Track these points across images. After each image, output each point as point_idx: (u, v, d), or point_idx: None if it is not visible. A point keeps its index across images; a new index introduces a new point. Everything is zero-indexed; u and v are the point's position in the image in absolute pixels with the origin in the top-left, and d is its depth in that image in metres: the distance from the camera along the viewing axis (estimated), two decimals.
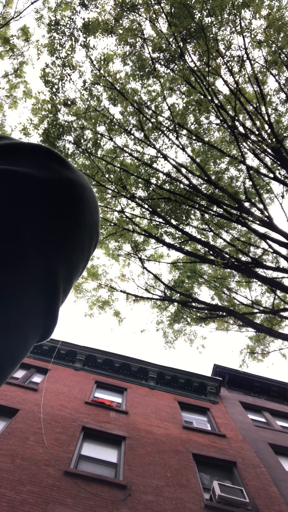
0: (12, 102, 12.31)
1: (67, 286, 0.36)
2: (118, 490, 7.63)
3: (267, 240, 10.45)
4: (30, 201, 0.32)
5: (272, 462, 10.17)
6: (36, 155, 0.37)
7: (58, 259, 0.33)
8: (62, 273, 0.34)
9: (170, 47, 9.32)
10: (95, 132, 10.38)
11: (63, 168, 0.38)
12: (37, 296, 0.31)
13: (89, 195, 0.39)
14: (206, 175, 10.32)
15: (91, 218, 0.39)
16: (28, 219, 0.31)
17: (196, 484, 8.39)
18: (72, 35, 9.85)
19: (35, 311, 0.31)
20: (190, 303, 11.72)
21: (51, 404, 10.58)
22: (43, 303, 0.32)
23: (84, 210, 0.37)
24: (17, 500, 6.69)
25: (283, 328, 12.08)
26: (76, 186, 0.37)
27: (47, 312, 0.33)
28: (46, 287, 0.32)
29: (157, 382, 14.18)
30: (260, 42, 9.01)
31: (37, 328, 0.32)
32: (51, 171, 0.36)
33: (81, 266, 0.38)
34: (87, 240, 0.38)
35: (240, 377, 15.41)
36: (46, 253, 0.32)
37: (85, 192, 0.38)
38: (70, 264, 0.35)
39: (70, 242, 0.35)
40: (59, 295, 0.34)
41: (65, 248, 0.34)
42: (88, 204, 0.38)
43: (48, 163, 0.37)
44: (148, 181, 10.67)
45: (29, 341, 0.31)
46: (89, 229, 0.38)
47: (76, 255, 0.36)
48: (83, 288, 12.51)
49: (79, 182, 0.38)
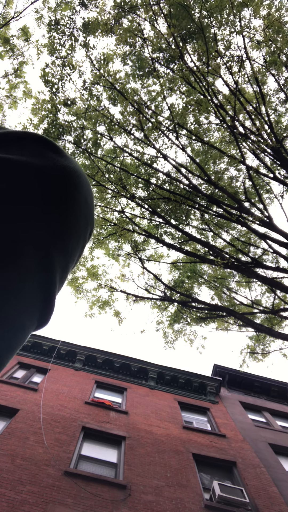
0: (12, 102, 12.32)
1: (63, 274, 0.36)
2: (118, 490, 7.63)
3: (267, 240, 10.45)
4: (24, 189, 0.32)
5: (272, 462, 10.17)
6: (29, 143, 0.37)
7: (54, 248, 0.33)
8: (59, 262, 0.34)
9: (170, 47, 9.32)
10: (95, 132, 10.37)
11: (57, 155, 0.37)
12: (34, 286, 0.31)
13: (83, 182, 0.39)
14: (206, 175, 10.32)
15: (86, 206, 0.38)
16: (23, 208, 0.31)
17: (196, 484, 8.39)
18: (72, 35, 9.85)
19: (32, 300, 0.31)
20: (190, 303, 11.71)
21: (51, 404, 10.59)
22: (40, 292, 0.32)
23: (80, 197, 0.37)
24: (17, 500, 6.69)
25: (283, 328, 12.08)
26: (70, 173, 0.37)
27: (44, 301, 0.33)
28: (42, 277, 0.32)
29: (157, 382, 14.18)
30: (259, 42, 9.01)
31: (34, 317, 0.32)
32: (45, 159, 0.36)
33: (77, 253, 0.38)
34: (82, 228, 0.38)
35: (240, 377, 15.40)
36: (42, 242, 0.32)
37: (80, 179, 0.38)
38: (66, 252, 0.35)
39: (66, 230, 0.35)
40: (55, 284, 0.34)
41: (61, 236, 0.34)
42: (83, 191, 0.38)
43: (42, 151, 0.37)
44: (148, 181, 10.67)
45: (26, 329, 0.32)
46: (84, 217, 0.38)
47: (72, 243, 0.36)
48: (83, 288, 12.51)
49: (74, 169, 0.38)
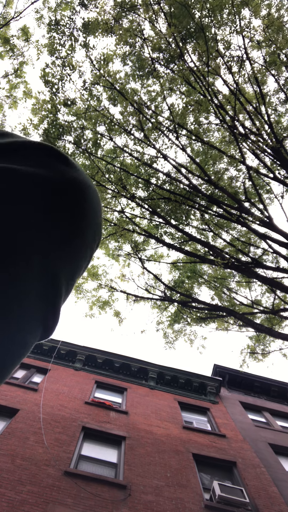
0: (12, 102, 12.31)
1: (69, 286, 0.36)
2: (118, 490, 7.63)
3: (267, 240, 10.44)
4: (31, 201, 0.31)
5: (272, 462, 10.17)
6: (39, 154, 0.36)
7: (60, 260, 0.33)
8: (64, 273, 0.34)
9: (170, 47, 9.32)
10: (95, 132, 10.37)
11: (66, 167, 0.37)
12: (39, 297, 0.31)
13: (93, 195, 0.38)
14: (206, 175, 10.32)
15: (94, 218, 0.38)
16: (29, 219, 0.30)
17: (196, 484, 8.39)
18: (72, 35, 9.85)
19: (37, 311, 0.31)
20: (190, 303, 11.71)
21: (51, 404, 10.59)
22: (45, 304, 0.32)
23: (89, 209, 0.36)
24: (17, 500, 6.70)
25: (283, 328, 12.07)
26: (79, 185, 0.36)
27: (48, 312, 0.33)
28: (48, 289, 0.32)
29: (157, 382, 14.18)
30: (259, 42, 9.01)
31: (38, 328, 0.32)
32: (54, 170, 0.35)
33: (83, 265, 0.38)
34: (90, 239, 0.37)
35: (240, 377, 15.40)
36: (48, 255, 0.31)
37: (89, 191, 0.37)
38: (72, 264, 0.35)
39: (74, 243, 0.34)
40: (60, 296, 0.34)
41: (68, 249, 0.34)
42: (92, 204, 0.37)
43: (52, 162, 0.36)
44: (148, 181, 10.67)
45: (29, 340, 0.31)
46: (92, 230, 0.37)
47: (79, 255, 0.36)
48: (83, 289, 12.50)
49: (83, 181, 0.37)
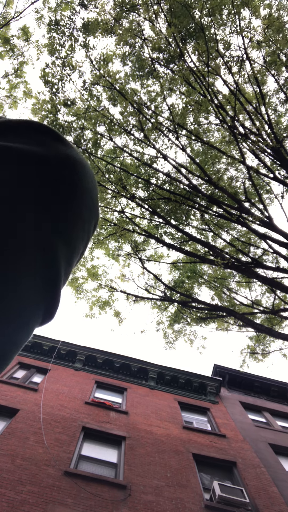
0: (12, 102, 12.31)
1: (68, 267, 0.35)
2: (118, 490, 7.63)
3: (267, 240, 10.44)
4: (26, 178, 0.31)
5: (272, 462, 10.17)
6: (31, 132, 0.36)
7: (57, 239, 0.32)
8: (62, 254, 0.33)
9: (170, 47, 9.32)
10: (95, 132, 10.37)
11: (60, 144, 0.36)
12: (37, 280, 0.30)
13: (87, 172, 0.37)
14: (206, 175, 10.32)
15: (90, 196, 0.37)
16: (25, 197, 0.30)
17: (196, 484, 8.40)
18: (72, 35, 9.85)
19: (36, 295, 0.30)
20: (190, 303, 11.71)
21: (51, 404, 10.59)
22: (44, 286, 0.31)
23: (83, 187, 0.36)
24: (17, 500, 6.70)
25: (283, 328, 12.07)
26: (73, 162, 0.36)
27: (48, 295, 0.32)
28: (46, 270, 0.31)
29: (157, 382, 14.19)
30: (259, 42, 9.01)
31: (38, 312, 0.32)
32: (47, 147, 0.35)
33: (81, 246, 0.37)
34: (86, 219, 0.37)
35: (240, 377, 15.40)
36: (45, 233, 0.31)
37: (83, 169, 0.37)
38: (70, 244, 0.34)
39: (70, 221, 0.34)
40: (60, 278, 0.33)
41: (64, 227, 0.33)
42: (87, 181, 0.37)
43: (45, 139, 0.36)
44: (148, 181, 10.67)
45: (30, 325, 0.31)
46: (88, 208, 0.37)
47: (76, 235, 0.35)
48: (83, 289, 12.51)
49: (77, 158, 0.37)
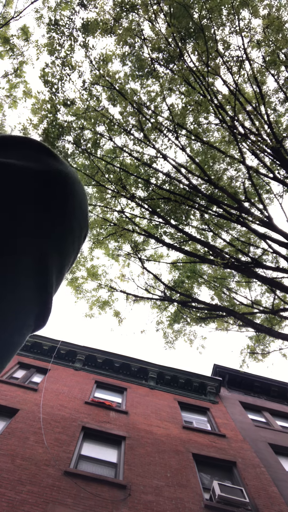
0: (12, 102, 12.31)
1: (59, 276, 0.37)
2: (118, 490, 7.63)
3: (267, 240, 10.44)
4: (19, 192, 0.32)
5: (272, 462, 10.17)
6: (24, 147, 0.37)
7: (49, 250, 0.34)
8: (54, 263, 0.35)
9: (169, 47, 9.31)
10: (94, 132, 10.37)
11: (51, 159, 0.38)
12: (30, 288, 0.31)
13: (78, 187, 0.39)
14: (206, 175, 10.31)
15: (80, 210, 0.39)
16: (17, 211, 0.31)
17: (196, 484, 8.40)
18: (71, 35, 9.84)
19: (28, 302, 0.32)
20: (190, 303, 11.71)
21: (51, 404, 10.59)
22: (36, 294, 0.33)
23: (74, 201, 0.38)
24: (17, 500, 6.70)
25: (283, 328, 12.07)
26: (65, 177, 0.37)
27: (40, 302, 0.33)
28: (38, 278, 0.33)
29: (157, 382, 14.18)
30: (258, 42, 9.00)
31: (31, 319, 0.33)
32: (40, 163, 0.36)
33: (72, 256, 0.39)
34: (77, 231, 0.38)
35: (240, 377, 15.41)
36: (37, 245, 0.32)
37: (74, 183, 0.38)
38: (61, 254, 0.36)
39: (61, 233, 0.35)
40: (51, 286, 0.35)
41: (56, 239, 0.35)
42: (78, 195, 0.38)
43: (37, 155, 0.37)
44: (148, 181, 10.67)
45: (23, 331, 0.32)
46: (78, 221, 0.38)
47: (67, 245, 0.37)
48: (83, 289, 12.51)
49: (68, 173, 0.38)
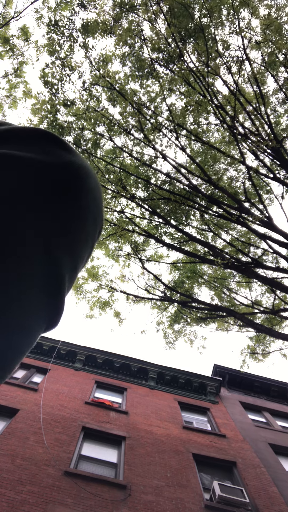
0: (12, 102, 12.31)
1: (72, 275, 0.35)
2: (118, 490, 7.64)
3: (267, 240, 10.44)
4: (29, 186, 0.31)
5: (272, 462, 10.17)
6: (35, 139, 0.36)
7: (61, 248, 0.32)
8: (67, 262, 0.33)
9: (169, 48, 9.31)
10: (94, 132, 10.38)
11: (64, 151, 0.36)
12: (42, 288, 0.30)
13: (91, 178, 0.37)
14: (206, 175, 10.31)
15: (94, 203, 0.36)
16: (28, 206, 0.30)
17: (196, 484, 8.40)
18: (71, 36, 9.85)
19: (40, 302, 0.30)
20: (190, 303, 11.71)
21: (51, 404, 10.60)
22: (48, 294, 0.31)
23: (88, 195, 0.35)
24: (17, 500, 6.71)
25: (283, 328, 12.08)
26: (78, 169, 0.35)
27: (52, 302, 0.32)
28: (50, 278, 0.31)
29: (157, 382, 14.19)
30: (258, 42, 9.00)
31: (42, 319, 0.32)
32: (51, 155, 0.34)
33: (85, 254, 0.37)
34: (91, 227, 0.36)
35: (240, 377, 15.41)
36: (48, 242, 0.31)
37: (88, 176, 0.36)
38: (74, 252, 0.34)
39: (74, 230, 0.33)
40: (64, 287, 0.33)
41: (68, 236, 0.33)
42: (91, 188, 0.36)
43: (49, 147, 0.35)
44: (148, 181, 10.67)
45: (34, 332, 0.31)
46: (92, 215, 0.36)
47: (81, 243, 0.35)
48: (83, 289, 12.52)
49: (81, 165, 0.36)
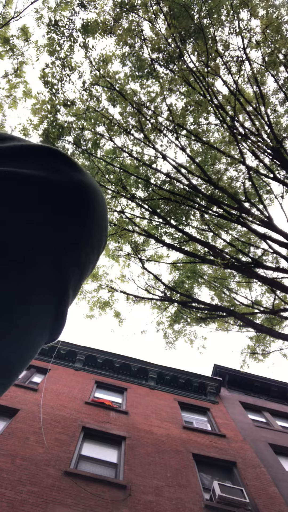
0: (12, 102, 12.30)
1: (76, 288, 0.36)
2: (118, 490, 7.64)
3: (267, 240, 10.44)
4: (38, 204, 0.31)
5: (272, 462, 10.17)
6: (44, 157, 0.36)
7: (68, 263, 0.33)
8: (72, 276, 0.34)
9: (169, 48, 9.31)
10: (94, 132, 10.38)
11: (72, 170, 0.36)
12: (47, 300, 0.31)
13: (99, 198, 0.38)
14: (206, 175, 10.31)
15: (101, 222, 0.38)
16: (37, 223, 0.30)
17: (196, 484, 8.40)
18: (71, 36, 9.84)
19: (44, 314, 0.31)
20: (190, 303, 11.71)
21: (51, 404, 10.60)
22: (53, 306, 0.32)
23: (95, 212, 0.36)
24: (17, 500, 6.71)
25: (284, 328, 12.07)
26: (86, 188, 0.36)
27: (56, 314, 0.33)
28: (56, 291, 0.32)
29: (157, 382, 14.19)
30: (258, 42, 9.00)
31: (45, 331, 0.32)
32: (61, 173, 0.35)
33: (90, 268, 0.38)
34: (97, 242, 0.38)
35: (240, 377, 15.41)
36: (56, 257, 0.32)
37: (96, 195, 0.37)
38: (79, 266, 0.35)
39: (81, 247, 0.35)
40: (68, 299, 0.34)
41: (76, 252, 0.34)
42: (99, 207, 0.37)
43: (58, 165, 0.36)
44: (148, 181, 10.67)
45: (37, 343, 0.32)
46: (99, 233, 0.38)
47: (87, 258, 0.36)
48: (84, 290, 12.51)
49: (90, 185, 0.37)
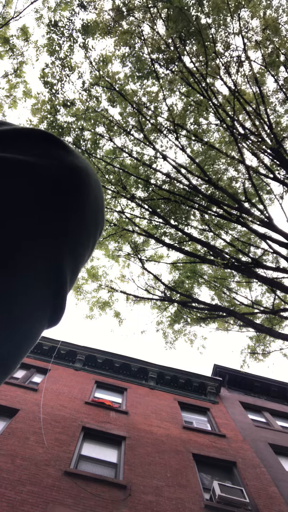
0: (12, 102, 12.31)
1: (73, 275, 0.36)
2: (118, 490, 7.65)
3: (267, 240, 10.44)
4: (30, 190, 0.31)
5: (272, 462, 10.18)
6: (35, 141, 0.36)
7: (63, 249, 0.33)
8: (68, 262, 0.34)
9: (169, 48, 9.32)
10: (94, 133, 10.38)
11: (64, 153, 0.36)
12: (44, 288, 0.31)
13: (92, 180, 0.37)
14: (206, 176, 10.32)
15: (96, 205, 0.37)
16: (29, 209, 0.30)
17: (196, 484, 8.41)
18: (71, 36, 9.85)
19: (42, 301, 0.31)
20: (190, 303, 11.71)
21: (51, 404, 10.61)
22: (51, 293, 0.32)
23: (89, 196, 0.36)
24: (17, 500, 6.72)
25: (284, 328, 12.07)
26: (79, 171, 0.35)
27: (55, 301, 0.33)
28: (53, 280, 0.32)
29: (157, 382, 14.20)
30: (258, 42, 9.00)
31: (44, 318, 0.32)
32: (52, 157, 0.34)
33: (86, 254, 0.38)
34: (92, 228, 0.37)
35: (240, 377, 15.42)
36: (51, 244, 0.32)
37: (89, 177, 0.37)
38: (75, 252, 0.35)
39: (75, 231, 0.34)
40: (66, 285, 0.34)
41: (70, 237, 0.34)
42: (93, 189, 0.37)
43: (49, 149, 0.35)
44: (148, 181, 10.68)
45: (36, 330, 0.32)
46: (94, 216, 0.37)
47: (82, 243, 0.36)
48: (83, 290, 12.51)
49: (83, 167, 0.36)
